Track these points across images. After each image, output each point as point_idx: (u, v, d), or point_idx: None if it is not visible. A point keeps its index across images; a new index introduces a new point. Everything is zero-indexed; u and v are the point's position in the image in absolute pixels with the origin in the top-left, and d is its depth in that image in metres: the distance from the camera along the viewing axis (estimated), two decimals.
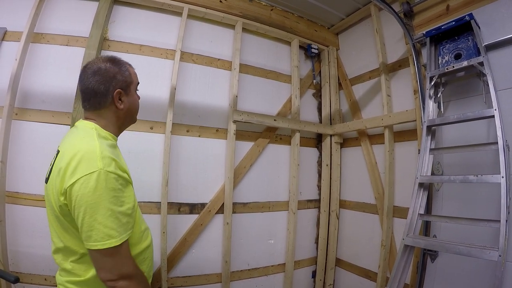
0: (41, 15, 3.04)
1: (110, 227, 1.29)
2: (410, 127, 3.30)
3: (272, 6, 4.02)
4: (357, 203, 3.98)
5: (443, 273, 2.80)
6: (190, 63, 3.55)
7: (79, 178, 1.29)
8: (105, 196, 1.29)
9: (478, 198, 2.62)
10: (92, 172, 1.29)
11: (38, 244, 2.83)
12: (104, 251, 1.29)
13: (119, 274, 1.32)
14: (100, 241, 1.28)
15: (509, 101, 2.45)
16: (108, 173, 1.32)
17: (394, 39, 3.62)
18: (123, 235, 1.33)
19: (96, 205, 1.28)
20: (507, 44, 2.51)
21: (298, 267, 4.02)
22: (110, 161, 1.36)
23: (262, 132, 3.89)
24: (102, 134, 1.51)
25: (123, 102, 1.59)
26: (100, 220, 1.28)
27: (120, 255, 1.33)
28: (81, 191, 1.28)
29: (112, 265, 1.32)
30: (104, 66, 1.52)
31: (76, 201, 1.29)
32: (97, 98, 1.51)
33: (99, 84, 1.49)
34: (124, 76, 1.58)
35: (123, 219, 1.35)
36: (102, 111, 1.55)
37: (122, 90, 1.56)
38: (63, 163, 1.34)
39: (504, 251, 2.02)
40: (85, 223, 1.29)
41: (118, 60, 1.62)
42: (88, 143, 1.40)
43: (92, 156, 1.33)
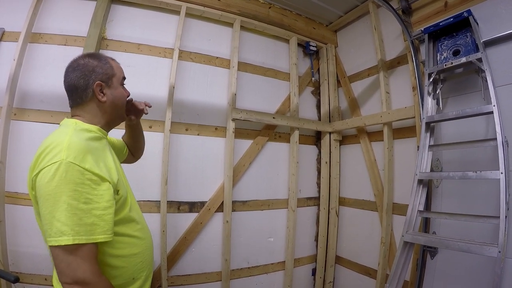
0: (39, 15, 3.04)
1: (63, 223, 1.16)
2: (409, 124, 3.30)
3: (270, 4, 4.02)
4: (357, 200, 3.98)
5: (443, 270, 2.81)
6: (188, 61, 3.54)
7: (41, 169, 1.22)
8: (63, 188, 1.18)
9: (477, 195, 2.63)
10: (54, 163, 1.20)
11: (38, 244, 2.82)
12: (58, 249, 1.17)
13: (73, 278, 1.17)
14: (53, 237, 1.16)
15: (508, 97, 2.45)
16: (70, 164, 1.21)
17: (393, 36, 3.62)
18: (81, 236, 1.18)
19: (53, 198, 1.18)
20: (506, 40, 2.51)
21: (298, 264, 4.03)
22: (77, 153, 1.26)
23: (261, 130, 3.89)
24: (83, 127, 1.47)
25: (105, 94, 1.54)
26: (53, 213, 1.17)
27: (76, 257, 1.18)
28: (41, 181, 1.21)
29: (65, 266, 1.18)
30: (83, 61, 1.52)
31: (38, 192, 1.24)
32: (78, 92, 1.50)
33: (78, 78, 1.49)
34: (104, 68, 1.55)
35: (86, 219, 1.21)
36: (85, 106, 1.53)
37: (102, 83, 1.52)
38: (34, 158, 1.30)
39: (503, 247, 2.02)
40: (42, 215, 1.21)
41: (99, 54, 1.61)
42: (58, 136, 1.35)
43: (57, 147, 1.25)
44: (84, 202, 1.21)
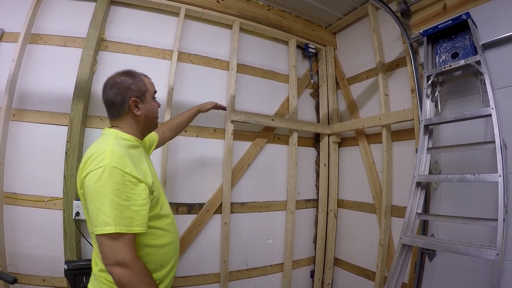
0: (38, 16, 3.04)
1: (107, 215, 1.41)
2: (408, 126, 3.31)
3: (269, 6, 4.02)
4: (355, 203, 3.99)
5: (441, 272, 2.81)
6: (187, 63, 3.55)
7: (89, 172, 1.48)
8: (107, 188, 1.43)
9: (475, 197, 2.63)
10: (100, 167, 1.46)
11: (36, 244, 2.83)
12: (103, 237, 1.42)
13: (114, 260, 1.41)
14: (98, 227, 1.41)
15: (506, 99, 2.45)
16: (114, 168, 1.47)
17: (392, 38, 3.63)
18: (121, 227, 1.42)
19: (99, 194, 1.44)
20: (504, 42, 2.52)
21: (296, 266, 4.03)
22: (119, 159, 1.52)
23: (260, 132, 3.90)
24: (122, 136, 1.72)
25: (139, 109, 1.77)
26: (100, 207, 1.42)
27: (117, 243, 1.42)
28: (89, 182, 1.47)
29: (108, 250, 1.42)
30: (119, 80, 1.74)
31: (85, 190, 1.50)
32: (116, 107, 1.73)
33: (116, 95, 1.71)
34: (138, 85, 1.77)
35: (126, 213, 1.45)
36: (123, 119, 1.76)
37: (137, 99, 1.75)
38: (82, 164, 1.57)
39: (501, 250, 2.03)
40: (90, 209, 1.47)
41: (133, 72, 1.82)
42: (102, 144, 1.59)
43: (102, 154, 1.50)
44: (124, 199, 1.46)
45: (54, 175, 2.86)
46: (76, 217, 2.77)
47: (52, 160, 2.88)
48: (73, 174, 2.79)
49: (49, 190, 2.88)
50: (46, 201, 2.86)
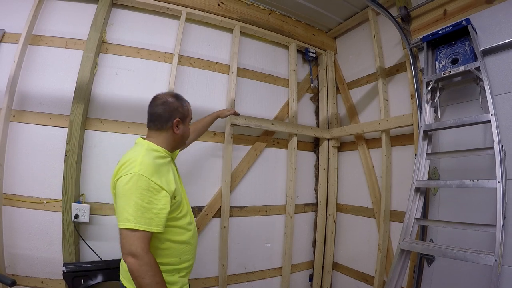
0: (40, 17, 3.04)
1: (129, 213, 1.65)
2: (407, 131, 3.31)
3: (270, 10, 4.03)
4: (354, 207, 3.99)
5: (440, 277, 2.81)
6: (188, 66, 3.55)
7: (121, 176, 1.75)
8: (134, 191, 1.69)
9: (474, 203, 2.63)
10: (129, 173, 1.72)
11: (35, 246, 2.83)
12: (123, 230, 1.66)
13: (129, 251, 1.63)
14: (121, 222, 1.66)
15: (506, 106, 2.46)
16: (141, 176, 1.72)
17: (392, 44, 3.64)
18: (140, 225, 1.65)
19: (126, 196, 1.70)
20: (504, 49, 2.53)
21: (295, 270, 4.03)
22: (146, 168, 1.76)
23: (259, 136, 3.90)
24: (153, 148, 1.96)
25: (179, 128, 2.06)
26: (124, 206, 1.68)
27: (133, 237, 1.64)
28: (119, 184, 1.74)
29: (125, 242, 1.65)
30: (170, 100, 2.04)
31: (116, 191, 1.78)
32: (160, 121, 2.00)
33: (164, 112, 2.00)
34: (184, 110, 2.09)
35: (146, 214, 1.68)
36: (162, 132, 2.03)
37: (180, 120, 2.04)
38: (116, 168, 1.85)
39: (500, 256, 2.03)
40: (116, 207, 1.76)
41: (181, 97, 2.14)
42: (134, 154, 1.86)
43: (133, 163, 1.77)
44: (147, 202, 1.70)
45: (54, 177, 2.87)
46: (75, 219, 2.77)
47: (52, 162, 2.89)
48: (72, 176, 2.79)
49: (48, 192, 2.88)
50: (45, 203, 2.85)
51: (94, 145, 3.05)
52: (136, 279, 1.63)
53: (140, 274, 1.62)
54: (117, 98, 3.17)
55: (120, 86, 3.21)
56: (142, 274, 1.62)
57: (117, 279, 2.83)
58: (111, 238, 3.02)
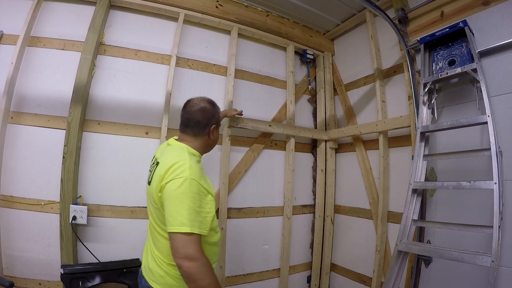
0: (38, 19, 3.05)
1: (184, 217, 1.66)
2: (405, 132, 3.32)
3: (268, 11, 4.04)
4: (352, 208, 3.99)
5: (437, 278, 2.81)
6: (185, 68, 3.56)
7: (171, 179, 1.75)
8: (186, 195, 1.71)
9: (471, 204, 2.64)
10: (181, 177, 1.74)
11: (33, 248, 2.83)
12: (177, 235, 1.65)
13: (185, 254, 1.63)
14: (175, 226, 1.66)
15: (502, 107, 2.47)
16: (192, 180, 1.75)
17: (389, 45, 3.65)
18: (194, 228, 1.66)
19: (178, 199, 1.71)
20: (501, 50, 2.53)
21: (293, 272, 4.03)
22: (196, 173, 1.81)
23: (257, 138, 3.91)
24: (192, 152, 2.02)
25: (214, 134, 2.14)
26: (178, 210, 1.69)
27: (189, 240, 1.65)
28: (170, 188, 1.74)
29: (179, 246, 1.65)
30: (208, 107, 2.09)
31: (165, 194, 1.76)
32: (199, 127, 2.06)
33: (203, 118, 2.06)
34: (218, 116, 2.18)
35: (198, 218, 1.72)
36: (199, 137, 2.09)
37: (215, 126, 2.13)
38: (163, 171, 1.82)
39: (496, 257, 2.03)
40: (167, 211, 1.74)
41: (215, 103, 2.19)
42: (179, 157, 1.87)
43: (182, 166, 1.79)
44: (198, 206, 1.74)
45: (51, 179, 2.87)
46: (72, 221, 2.77)
47: (50, 163, 2.89)
48: (70, 178, 2.79)
49: (46, 194, 2.88)
50: (43, 205, 2.85)
51: (92, 147, 3.05)
52: (196, 282, 1.64)
53: (200, 276, 1.64)
54: (115, 100, 3.17)
55: (118, 88, 3.21)
56: (202, 276, 1.65)
57: (114, 281, 2.85)
58: (108, 240, 3.03)
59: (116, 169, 3.13)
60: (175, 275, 1.87)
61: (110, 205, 3.06)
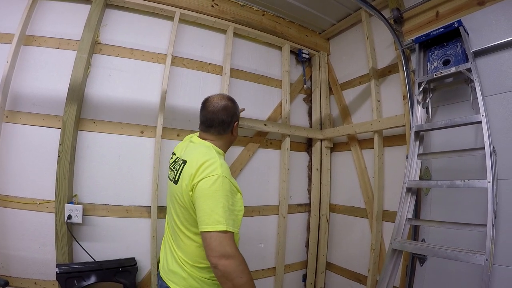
0: (33, 18, 3.03)
1: (219, 215, 1.65)
2: (399, 132, 3.33)
3: (264, 11, 4.05)
4: (347, 207, 4.01)
5: (432, 276, 2.83)
6: (181, 67, 3.55)
7: (203, 178, 1.74)
8: (220, 193, 1.71)
9: (466, 203, 2.65)
10: (214, 175, 1.74)
11: (28, 247, 2.82)
12: (213, 233, 1.64)
13: (222, 252, 1.62)
14: (211, 225, 1.65)
15: (496, 106, 2.49)
16: (225, 178, 1.75)
17: (384, 45, 3.66)
18: (229, 226, 1.66)
19: (212, 198, 1.70)
20: (495, 50, 2.55)
21: (288, 270, 4.04)
22: (227, 171, 1.82)
23: (252, 137, 3.91)
24: (217, 150, 2.02)
25: (236, 130, 2.17)
26: (213, 208, 1.67)
27: (225, 238, 1.64)
28: (203, 186, 1.73)
29: (216, 244, 1.63)
30: (229, 104, 2.10)
31: (198, 193, 1.74)
32: (223, 126, 2.07)
33: (227, 117, 2.07)
34: (238, 113, 2.21)
35: (232, 216, 1.72)
36: (223, 136, 2.11)
37: (237, 122, 2.16)
38: (193, 170, 1.80)
39: (490, 255, 2.04)
40: (201, 209, 1.71)
41: (234, 100, 2.19)
42: (211, 156, 1.86)
43: (214, 164, 1.79)
44: (231, 204, 1.75)
45: (47, 178, 2.85)
46: (68, 220, 2.77)
47: (45, 162, 2.88)
48: (65, 177, 2.79)
49: (41, 193, 2.87)
50: (38, 204, 2.85)
51: (87, 146, 3.04)
52: (233, 280, 1.64)
53: (238, 274, 1.65)
54: (110, 99, 3.17)
55: (113, 87, 3.20)
56: (240, 274, 1.66)
57: (109, 280, 2.85)
58: (104, 239, 3.02)
59: (111, 168, 3.13)
60: (198, 277, 1.90)
61: (106, 204, 3.06)
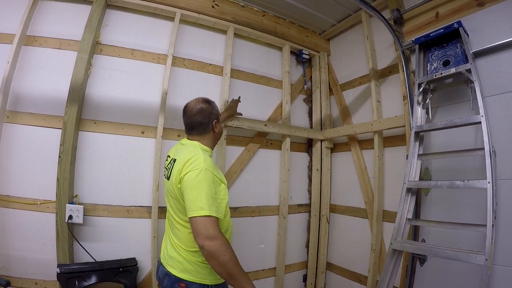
0: (34, 18, 3.04)
1: (203, 202, 1.84)
2: (399, 132, 3.34)
3: (264, 11, 4.05)
4: (347, 208, 4.01)
5: (432, 276, 2.83)
6: (181, 68, 3.56)
7: (189, 171, 1.94)
8: (203, 183, 1.90)
9: (466, 203, 2.66)
10: (197, 169, 1.93)
11: (29, 247, 2.82)
12: (198, 218, 1.82)
13: (206, 234, 1.79)
14: (195, 211, 1.83)
15: (496, 107, 2.49)
16: (207, 170, 1.94)
17: (384, 46, 3.66)
18: (212, 212, 1.83)
19: (196, 188, 1.89)
20: (495, 51, 2.56)
21: (289, 271, 4.04)
22: (209, 164, 2.01)
23: (253, 137, 3.92)
24: (204, 148, 2.21)
25: (217, 127, 2.30)
26: (197, 196, 1.86)
27: (208, 222, 1.81)
28: (188, 178, 1.93)
29: (201, 227, 1.81)
30: (204, 106, 2.24)
31: (185, 184, 1.94)
32: (202, 127, 2.23)
33: (204, 118, 2.22)
34: (216, 110, 2.32)
35: (214, 203, 1.89)
36: (205, 135, 2.27)
37: (216, 120, 2.28)
38: (180, 166, 2.01)
39: (490, 255, 2.05)
40: (187, 198, 1.90)
41: (210, 100, 2.33)
42: (195, 153, 2.05)
43: (197, 160, 1.99)
44: (214, 193, 1.93)
45: (47, 178, 2.86)
46: (69, 220, 2.77)
47: (46, 163, 2.88)
48: (66, 177, 2.79)
49: (42, 193, 2.88)
50: (39, 204, 2.85)
51: (88, 146, 3.05)
52: (218, 258, 1.80)
53: (222, 252, 1.80)
54: (111, 99, 3.18)
55: (114, 87, 3.21)
56: (223, 252, 1.81)
57: (110, 280, 2.85)
58: (105, 239, 3.03)
59: (112, 168, 3.13)
60: (192, 261, 2.05)
61: (106, 205, 3.06)
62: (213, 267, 1.85)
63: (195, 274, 2.05)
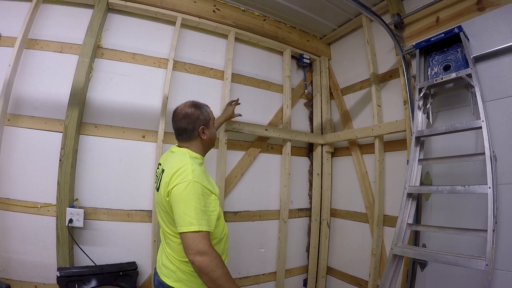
0: (36, 21, 3.05)
1: (192, 217, 1.79)
2: (400, 137, 3.34)
3: (265, 16, 4.06)
4: (348, 212, 4.00)
5: (433, 281, 2.82)
6: (182, 72, 3.57)
7: (176, 184, 1.88)
8: (191, 196, 1.84)
9: (466, 208, 2.66)
10: (185, 181, 1.87)
11: (29, 250, 2.82)
12: (188, 233, 1.78)
13: (196, 250, 1.76)
14: (185, 226, 1.79)
15: (496, 112, 2.49)
16: (195, 183, 1.87)
17: (385, 50, 3.67)
18: (202, 226, 1.80)
19: (185, 202, 1.83)
20: (495, 56, 2.56)
21: (289, 275, 4.03)
22: (198, 175, 1.93)
23: (253, 142, 3.91)
24: (193, 155, 2.12)
25: (205, 134, 2.20)
26: (185, 211, 1.81)
27: (198, 237, 1.77)
28: (176, 192, 1.87)
29: (190, 243, 1.77)
30: (190, 111, 2.15)
31: (173, 198, 1.89)
32: (187, 133, 2.15)
33: (188, 124, 2.13)
34: (204, 115, 2.21)
35: (204, 216, 1.84)
36: (192, 141, 2.19)
37: (204, 126, 2.18)
38: (168, 178, 1.95)
39: (491, 260, 2.04)
40: (176, 213, 1.86)
41: (200, 104, 2.25)
42: (181, 162, 1.99)
43: (185, 171, 1.91)
44: (203, 205, 1.87)
45: (48, 182, 2.86)
46: (69, 224, 2.77)
47: (46, 166, 2.89)
48: (66, 181, 2.79)
49: (43, 196, 2.88)
50: (39, 207, 2.85)
51: (88, 150, 3.05)
52: (208, 274, 1.77)
53: (212, 268, 1.77)
54: (112, 103, 3.18)
55: (115, 91, 3.22)
56: (214, 268, 1.78)
57: (110, 284, 2.85)
58: (105, 243, 3.03)
59: (112, 172, 3.13)
60: (185, 270, 2.02)
61: (107, 208, 3.06)
62: (205, 282, 1.83)
63: (188, 284, 2.04)
